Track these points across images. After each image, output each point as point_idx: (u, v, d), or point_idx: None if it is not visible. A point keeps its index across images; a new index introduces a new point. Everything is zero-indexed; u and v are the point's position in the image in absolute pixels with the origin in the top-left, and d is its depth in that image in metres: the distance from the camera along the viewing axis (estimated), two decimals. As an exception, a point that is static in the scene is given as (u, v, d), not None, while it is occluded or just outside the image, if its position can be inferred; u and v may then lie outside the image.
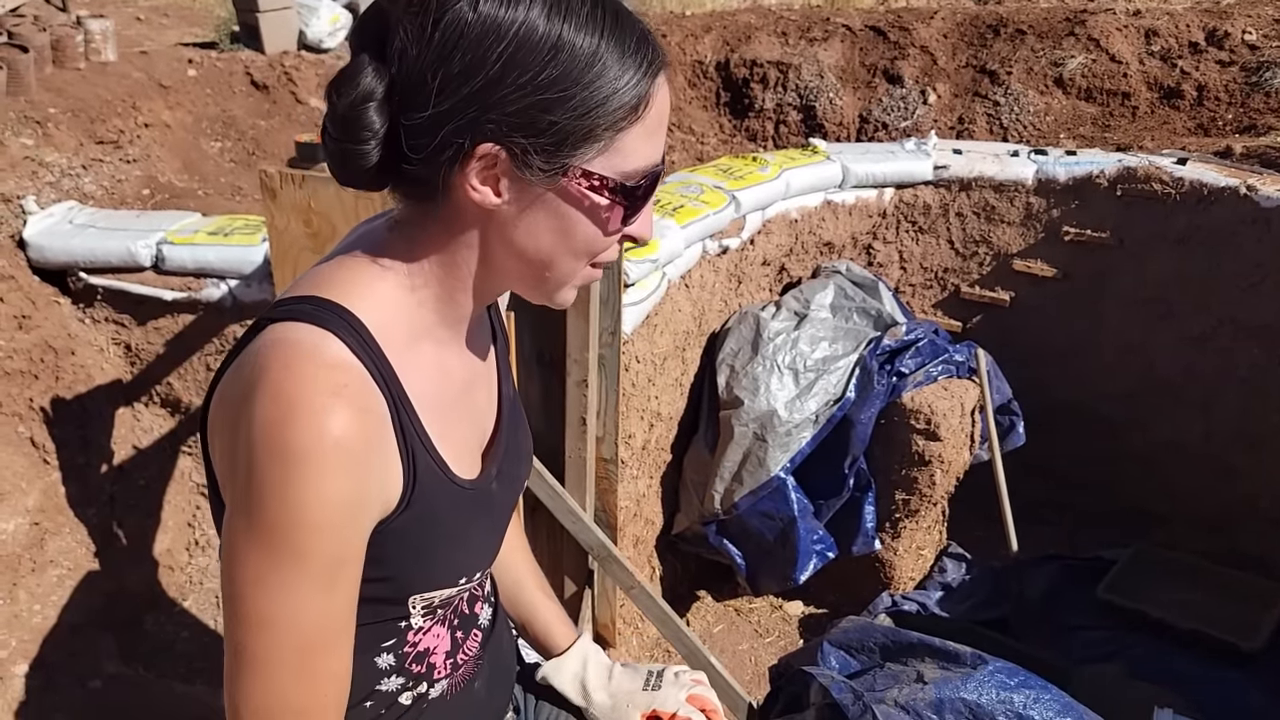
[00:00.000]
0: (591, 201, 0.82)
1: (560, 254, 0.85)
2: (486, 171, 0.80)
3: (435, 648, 0.98)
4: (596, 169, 0.81)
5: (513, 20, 0.75)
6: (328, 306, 0.82)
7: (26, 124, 3.48)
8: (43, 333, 2.96)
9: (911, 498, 3.47)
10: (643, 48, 0.81)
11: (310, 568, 0.75)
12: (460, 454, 0.93)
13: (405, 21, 0.76)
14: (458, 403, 0.94)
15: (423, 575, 0.90)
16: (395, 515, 0.83)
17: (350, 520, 0.77)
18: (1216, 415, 3.75)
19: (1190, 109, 4.58)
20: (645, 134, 0.82)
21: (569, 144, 0.79)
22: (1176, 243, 3.67)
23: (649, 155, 0.84)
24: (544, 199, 0.82)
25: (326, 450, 0.73)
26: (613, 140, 0.80)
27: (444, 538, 0.89)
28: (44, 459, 2.94)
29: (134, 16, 5.89)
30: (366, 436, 0.77)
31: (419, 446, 0.85)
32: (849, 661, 2.47)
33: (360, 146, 0.79)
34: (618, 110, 0.79)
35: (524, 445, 1.08)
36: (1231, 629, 3.14)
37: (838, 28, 5.24)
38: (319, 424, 0.73)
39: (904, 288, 4.16)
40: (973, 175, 3.95)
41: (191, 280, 3.01)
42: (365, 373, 0.80)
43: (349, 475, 0.75)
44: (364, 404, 0.78)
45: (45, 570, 2.84)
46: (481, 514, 0.95)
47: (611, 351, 2.66)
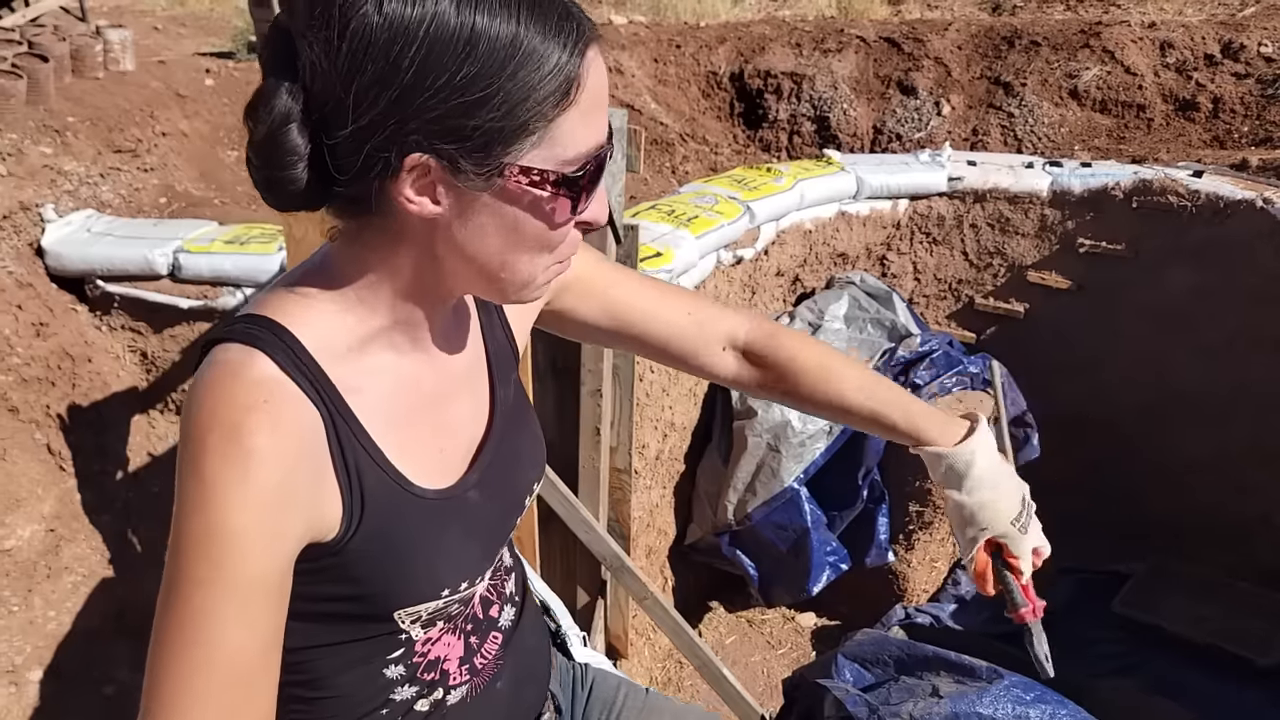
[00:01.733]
0: (534, 197, 0.78)
1: (512, 254, 0.81)
2: (420, 182, 0.76)
3: (447, 655, 0.97)
4: (535, 163, 0.76)
5: (420, 19, 0.70)
6: (262, 324, 0.80)
7: (45, 133, 3.50)
8: (60, 340, 2.97)
9: (925, 509, 3.46)
10: (566, 25, 0.75)
11: (227, 586, 0.73)
12: (428, 464, 0.90)
13: (310, 36, 0.72)
14: (425, 411, 0.91)
15: (399, 590, 0.87)
16: (347, 534, 0.81)
17: (268, 537, 0.75)
18: (1232, 428, 3.73)
19: (1206, 121, 4.56)
20: (582, 117, 0.77)
21: (500, 142, 0.74)
22: (1192, 255, 3.66)
23: (589, 138, 0.79)
24: (485, 201, 0.78)
25: (239, 464, 0.73)
26: (547, 130, 0.76)
27: (412, 551, 0.87)
28: (60, 466, 2.95)
29: (152, 26, 5.93)
30: (285, 452, 0.75)
31: (365, 461, 0.83)
32: (863, 674, 2.46)
33: (287, 172, 0.75)
34: (547, 99, 0.74)
35: (525, 450, 1.05)
36: (1248, 644, 3.11)
37: (852, 39, 5.24)
38: (234, 439, 0.73)
39: (918, 299, 4.15)
40: (987, 187, 3.95)
41: (208, 288, 3.02)
42: (293, 388, 0.78)
43: (263, 488, 0.74)
44: (286, 420, 0.76)
45: (60, 577, 2.85)
46: (453, 524, 0.91)
47: (626, 361, 2.66)
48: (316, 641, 0.89)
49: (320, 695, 0.92)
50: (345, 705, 0.92)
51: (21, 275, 2.97)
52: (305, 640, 0.88)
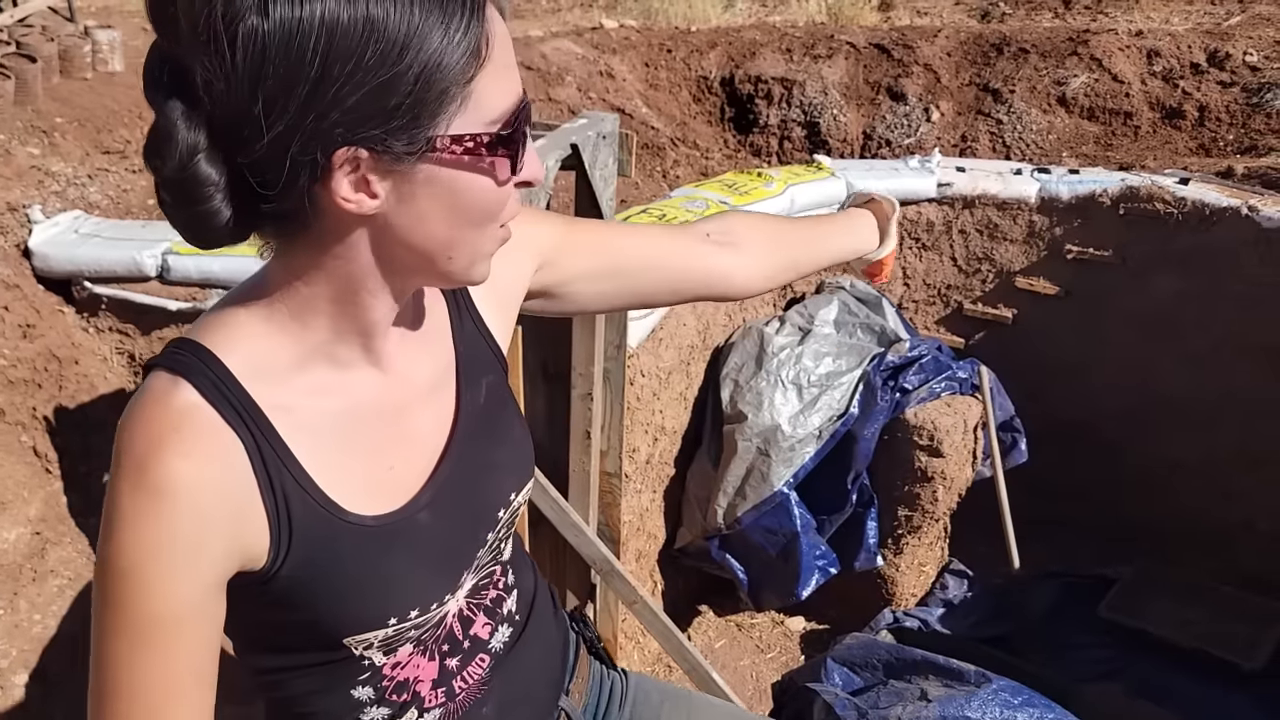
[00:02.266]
0: (471, 164, 0.76)
1: (460, 230, 0.78)
2: (352, 178, 0.72)
3: (419, 677, 0.94)
4: (463, 129, 0.74)
5: (311, 13, 0.66)
6: (189, 349, 0.79)
7: (33, 133, 3.49)
8: (47, 342, 2.96)
9: (914, 514, 3.47)
10: None
11: (139, 623, 0.74)
12: (374, 486, 0.86)
13: (198, 54, 0.67)
14: (373, 428, 0.87)
15: (339, 620, 0.84)
16: (276, 563, 0.79)
17: (180, 567, 0.73)
18: (1218, 434, 3.75)
19: (1192, 129, 4.60)
20: (496, 74, 0.75)
21: (425, 115, 0.72)
22: (1179, 262, 3.68)
23: (509, 94, 0.76)
24: (423, 182, 0.75)
25: (146, 496, 0.72)
26: (467, 94, 0.73)
27: (347, 580, 0.83)
28: (46, 468, 2.94)
29: (140, 27, 5.90)
30: (195, 485, 0.74)
31: (292, 488, 0.80)
32: (852, 678, 2.47)
33: (206, 206, 0.71)
34: (461, 61, 0.71)
35: (498, 458, 0.98)
36: (1233, 648, 3.14)
37: (842, 45, 5.26)
38: (140, 471, 0.73)
39: (907, 304, 4.17)
40: (976, 193, 3.97)
41: (196, 290, 3.01)
42: (212, 416, 0.76)
43: (175, 520, 0.72)
44: (199, 451, 0.75)
45: (46, 580, 2.83)
46: (396, 549, 0.86)
47: (616, 365, 2.67)
48: (278, 665, 0.88)
49: (303, 711, 0.91)
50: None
51: (8, 276, 2.95)
52: (270, 664, 0.88)
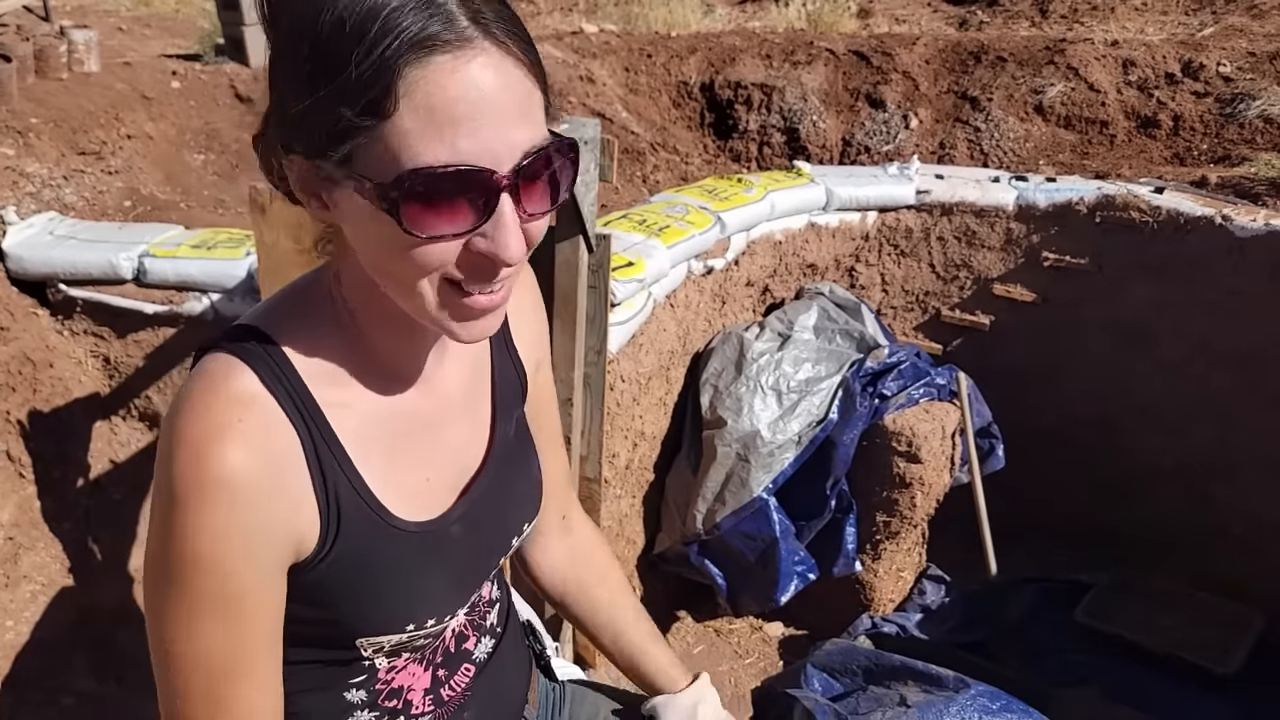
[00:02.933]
0: (361, 206, 0.71)
1: (384, 265, 0.74)
2: (300, 183, 0.75)
3: (412, 685, 0.95)
4: (366, 170, 0.69)
5: (289, 20, 0.71)
6: (254, 335, 0.80)
7: (7, 134, 3.45)
8: (21, 345, 2.92)
9: (892, 519, 3.48)
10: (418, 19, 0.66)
11: (198, 601, 0.75)
12: (412, 493, 0.87)
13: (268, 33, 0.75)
14: (412, 439, 0.88)
15: (363, 620, 0.85)
16: (320, 556, 0.80)
17: (238, 555, 0.74)
18: (1192, 441, 3.79)
19: (1167, 138, 4.65)
20: (424, 129, 0.67)
21: (331, 141, 0.69)
22: (1154, 270, 3.72)
23: (434, 153, 0.67)
24: (346, 205, 0.73)
25: (206, 485, 0.72)
26: (376, 135, 0.68)
27: (382, 582, 0.84)
28: (20, 473, 2.90)
29: (116, 27, 5.86)
30: (257, 472, 0.74)
31: (344, 485, 0.81)
32: (832, 684, 2.47)
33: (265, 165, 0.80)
34: (361, 99, 0.67)
35: (519, 489, 1.01)
36: (1206, 653, 3.17)
37: (821, 51, 5.29)
38: (201, 459, 0.73)
39: (885, 310, 4.19)
40: (954, 200, 3.99)
41: (173, 293, 2.98)
42: (274, 406, 0.77)
43: (233, 510, 0.73)
44: (261, 439, 0.75)
45: (19, 586, 2.80)
46: (431, 559, 0.89)
47: (597, 370, 2.66)
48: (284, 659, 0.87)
49: (291, 710, 0.89)
50: None
51: (-19, 278, 2.91)
52: None
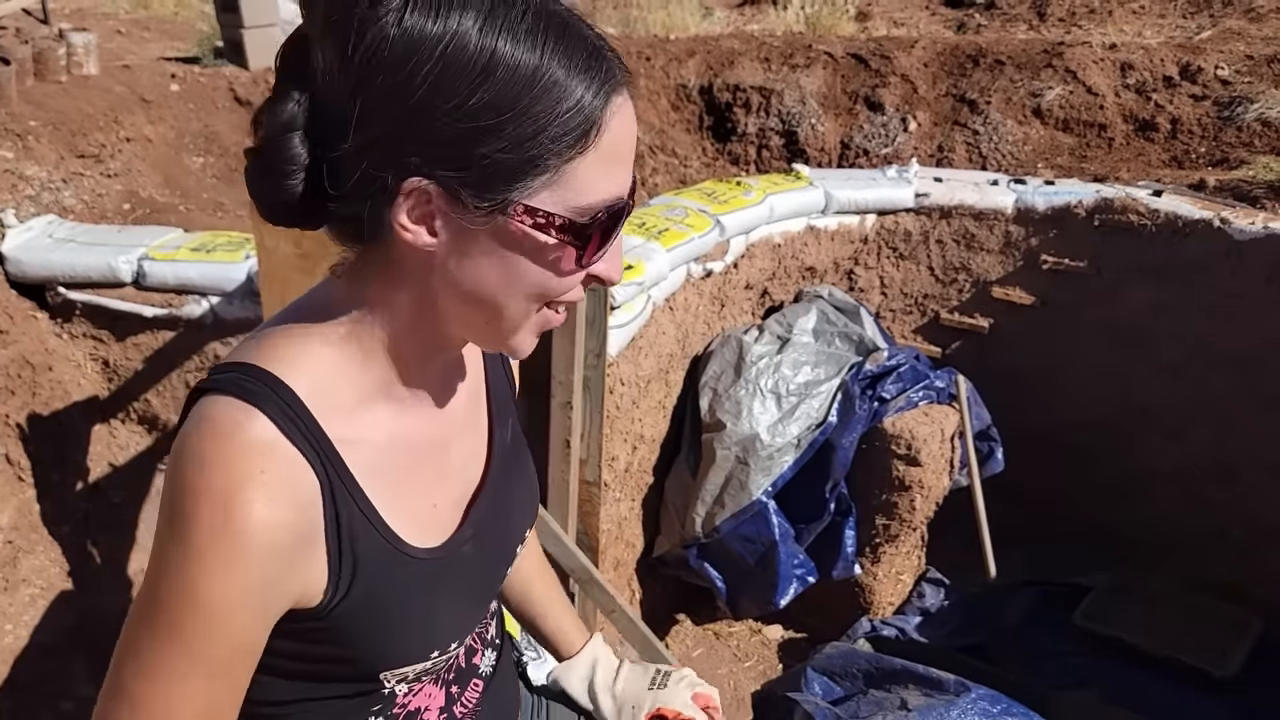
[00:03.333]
0: (537, 240, 0.73)
1: (508, 298, 0.76)
2: (418, 209, 0.72)
3: (428, 706, 0.94)
4: (542, 204, 0.72)
5: (440, 36, 0.67)
6: (257, 376, 0.75)
7: (6, 136, 3.45)
8: (20, 348, 2.92)
9: (891, 522, 3.48)
10: (594, 65, 0.71)
11: (196, 658, 0.71)
12: (422, 520, 0.86)
13: (325, 43, 0.69)
14: (420, 466, 0.87)
15: (386, 654, 0.84)
16: (335, 598, 0.77)
17: (255, 611, 0.73)
18: (1190, 443, 3.80)
19: (1165, 141, 4.66)
20: (601, 164, 0.72)
21: (507, 177, 0.70)
22: (1152, 273, 3.73)
23: (608, 189, 0.74)
24: (484, 238, 0.73)
25: (233, 540, 0.69)
26: (560, 171, 0.71)
27: (402, 614, 0.83)
28: (19, 476, 2.90)
29: (115, 30, 5.86)
30: (283, 524, 0.72)
31: (360, 523, 0.78)
32: (832, 688, 2.47)
33: (283, 181, 0.72)
34: (563, 138, 0.70)
35: (519, 496, 1.00)
36: (1205, 656, 3.17)
37: (820, 54, 5.29)
38: (228, 513, 0.69)
39: (884, 313, 4.19)
40: (953, 203, 4.00)
41: (172, 296, 2.98)
42: (291, 452, 0.74)
43: (258, 565, 0.71)
44: (282, 494, 0.72)
45: (18, 589, 2.79)
46: (447, 583, 0.87)
47: (596, 373, 2.66)
48: (298, 696, 0.85)
49: None
50: None
51: (-19, 282, 2.91)
52: (287, 695, 0.85)
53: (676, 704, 1.18)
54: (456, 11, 0.67)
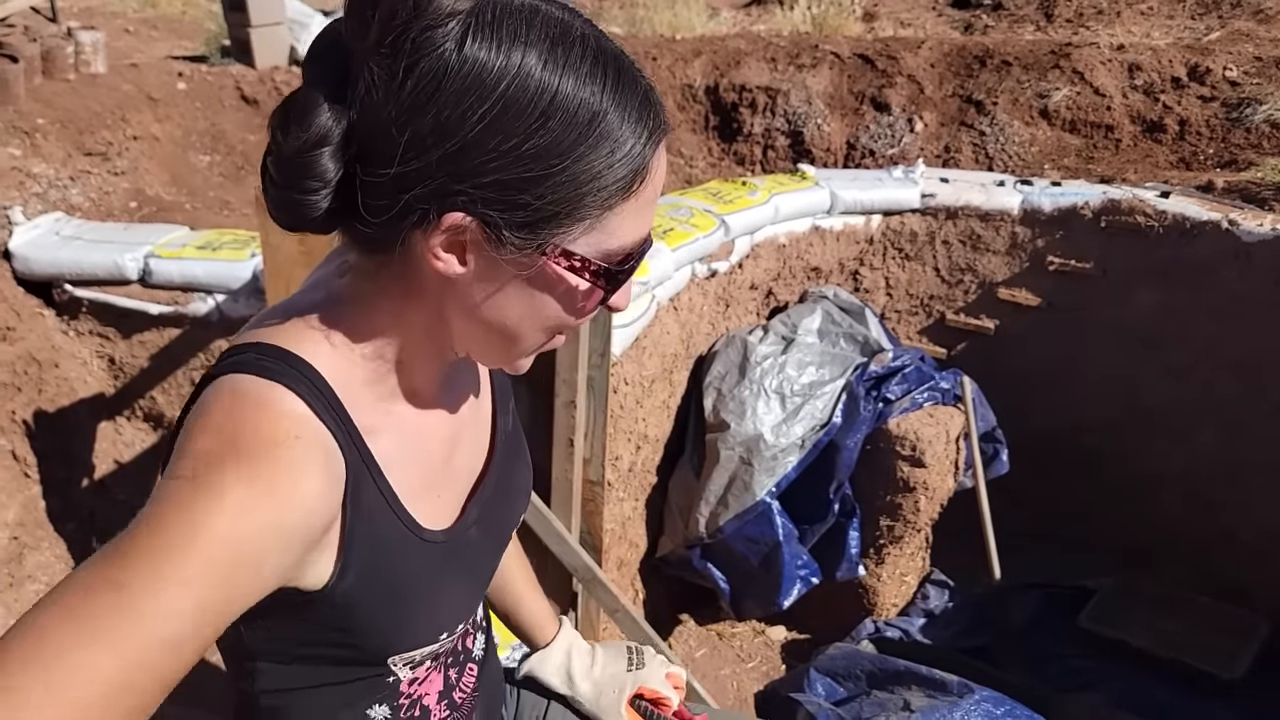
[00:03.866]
0: (569, 283, 0.73)
1: (526, 328, 0.77)
2: (453, 240, 0.70)
3: (427, 691, 0.95)
4: (578, 249, 0.72)
5: (502, 73, 0.64)
6: (276, 354, 0.73)
7: (14, 134, 3.46)
8: (27, 345, 2.93)
9: (896, 524, 3.48)
10: (646, 113, 0.70)
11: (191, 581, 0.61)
12: (435, 506, 0.86)
13: (372, 61, 0.65)
14: (430, 458, 0.87)
15: (395, 637, 0.83)
16: (342, 580, 0.75)
17: (250, 569, 0.65)
18: (1197, 446, 3.78)
19: (1173, 143, 4.64)
20: (637, 210, 0.73)
21: (551, 222, 0.69)
22: (1159, 275, 3.72)
23: (639, 231, 0.74)
24: (515, 273, 0.72)
25: (253, 493, 0.64)
26: (601, 218, 0.71)
27: (413, 598, 0.82)
28: (25, 472, 2.91)
29: (123, 29, 5.88)
30: (307, 497, 0.69)
31: (380, 507, 0.78)
32: (835, 689, 2.47)
33: (308, 196, 0.69)
34: (611, 187, 0.69)
35: (517, 482, 1.02)
36: (1211, 659, 3.16)
37: (826, 55, 5.29)
38: (252, 466, 0.65)
39: (890, 314, 4.18)
40: (959, 204, 3.99)
41: (178, 294, 2.99)
42: (322, 430, 0.72)
43: (267, 525, 0.65)
44: (315, 464, 0.70)
45: (23, 585, 2.80)
46: (456, 565, 0.88)
47: (600, 373, 2.66)
48: (298, 684, 0.84)
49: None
50: None
51: (-13, 279, 2.92)
52: (286, 683, 0.84)
53: (654, 683, 1.21)
54: (520, 45, 0.65)
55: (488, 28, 0.65)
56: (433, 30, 0.64)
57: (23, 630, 0.58)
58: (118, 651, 0.58)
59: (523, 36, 0.65)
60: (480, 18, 0.65)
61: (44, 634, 0.57)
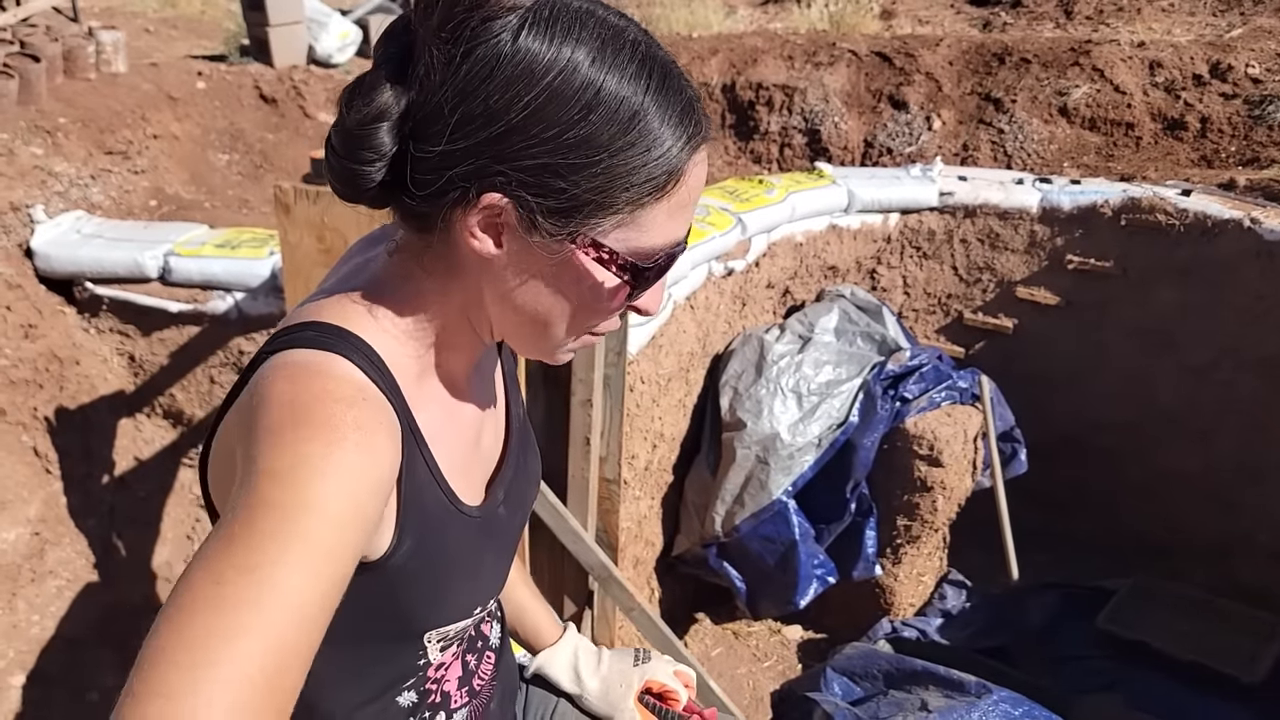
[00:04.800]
0: (596, 276, 0.76)
1: (554, 317, 0.79)
2: (489, 220, 0.74)
3: (447, 677, 0.97)
4: (609, 241, 0.74)
5: (551, 64, 0.68)
6: (332, 331, 0.76)
7: (36, 133, 3.49)
8: (48, 342, 2.95)
9: (913, 523, 3.46)
10: (687, 119, 0.73)
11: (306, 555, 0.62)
12: (468, 484, 0.90)
13: (433, 45, 0.70)
14: (463, 438, 0.91)
15: (437, 610, 0.86)
16: (396, 550, 0.78)
17: (358, 523, 0.67)
18: (1217, 447, 3.75)
19: (1194, 140, 4.60)
20: (670, 211, 0.75)
21: (584, 211, 0.72)
22: (1180, 273, 3.69)
23: (671, 233, 0.77)
24: (544, 259, 0.75)
25: (337, 453, 0.65)
26: (633, 214, 0.74)
27: (455, 569, 0.85)
28: (46, 469, 2.93)
29: (143, 28, 5.92)
30: (377, 452, 0.70)
31: (427, 479, 0.81)
32: (852, 688, 2.46)
33: (364, 167, 0.74)
34: (645, 184, 0.72)
35: (531, 466, 1.05)
36: (1232, 661, 3.13)
37: (843, 53, 5.27)
38: (328, 431, 0.66)
39: (907, 313, 4.17)
40: (977, 202, 3.97)
41: (198, 292, 3.01)
42: (381, 398, 0.74)
43: (361, 481, 0.67)
44: (383, 424, 0.72)
45: (45, 581, 2.83)
46: (490, 540, 0.92)
47: (617, 371, 2.66)
48: (334, 668, 0.84)
49: None
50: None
51: (10, 276, 2.95)
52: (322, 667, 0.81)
53: (661, 677, 1.22)
54: (571, 42, 0.69)
55: (544, 23, 0.69)
56: (492, 21, 0.68)
57: (164, 633, 0.57)
58: (264, 635, 0.58)
59: (575, 34, 0.70)
60: (538, 14, 0.69)
61: (189, 634, 0.57)
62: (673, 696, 1.22)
